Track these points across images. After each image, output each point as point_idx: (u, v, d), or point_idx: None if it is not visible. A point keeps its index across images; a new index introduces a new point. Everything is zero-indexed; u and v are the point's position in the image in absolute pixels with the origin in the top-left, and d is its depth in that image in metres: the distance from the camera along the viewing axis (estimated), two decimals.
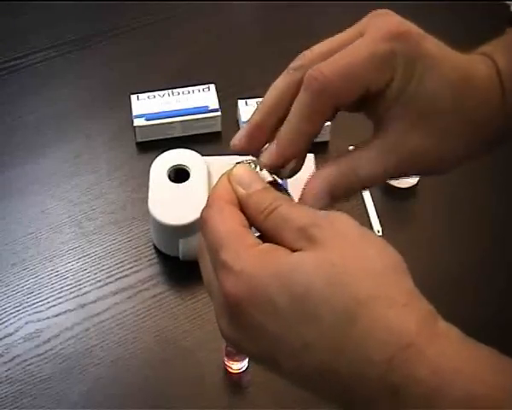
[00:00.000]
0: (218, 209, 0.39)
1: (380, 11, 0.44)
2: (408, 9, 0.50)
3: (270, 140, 0.43)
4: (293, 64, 0.43)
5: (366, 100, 0.42)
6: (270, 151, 0.42)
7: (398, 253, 0.37)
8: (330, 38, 0.44)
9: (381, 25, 0.42)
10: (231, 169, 0.41)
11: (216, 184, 0.41)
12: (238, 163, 0.42)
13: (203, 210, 0.40)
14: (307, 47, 0.46)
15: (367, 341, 0.33)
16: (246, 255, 0.36)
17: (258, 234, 0.39)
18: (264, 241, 0.38)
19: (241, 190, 0.40)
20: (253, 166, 0.42)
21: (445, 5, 1.08)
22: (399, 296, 0.35)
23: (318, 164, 0.83)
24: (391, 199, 0.89)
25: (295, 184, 0.84)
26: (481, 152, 0.48)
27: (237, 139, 0.43)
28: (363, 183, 0.43)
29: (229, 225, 0.38)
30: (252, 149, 0.43)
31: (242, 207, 0.39)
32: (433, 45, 0.43)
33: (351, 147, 0.46)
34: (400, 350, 0.33)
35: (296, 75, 0.42)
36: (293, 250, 0.36)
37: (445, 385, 0.32)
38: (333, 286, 0.34)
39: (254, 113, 0.43)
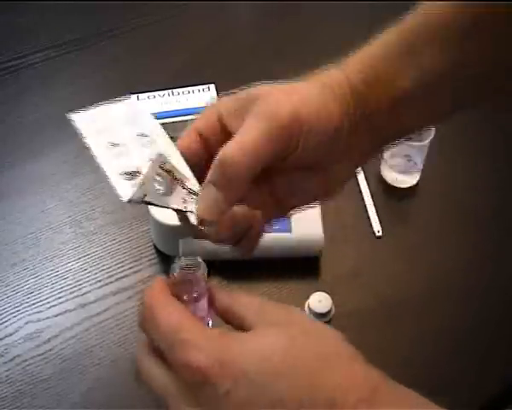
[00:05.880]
0: (166, 302, 0.40)
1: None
2: (405, 10, 0.50)
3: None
4: None
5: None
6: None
7: None
8: None
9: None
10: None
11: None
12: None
13: (145, 306, 0.40)
14: (307, 47, 0.46)
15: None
16: (206, 334, 0.38)
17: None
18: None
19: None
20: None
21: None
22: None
23: None
24: (391, 199, 0.89)
25: None
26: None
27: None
28: None
29: (182, 314, 0.39)
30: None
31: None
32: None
33: None
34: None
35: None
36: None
37: None
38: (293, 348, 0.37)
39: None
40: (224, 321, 0.42)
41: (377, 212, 0.87)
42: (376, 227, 0.85)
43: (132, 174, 0.44)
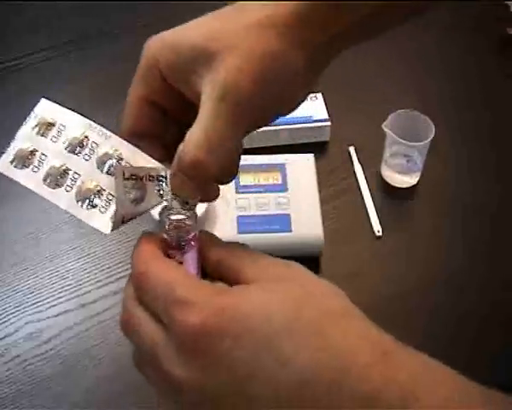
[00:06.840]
0: (158, 265, 0.38)
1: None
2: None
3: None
4: None
5: None
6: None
7: None
8: None
9: None
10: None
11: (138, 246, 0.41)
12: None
13: (138, 265, 0.39)
14: None
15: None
16: (204, 290, 0.35)
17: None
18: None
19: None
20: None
21: (445, 4, 1.08)
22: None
23: (318, 164, 0.83)
24: (391, 199, 0.89)
25: (295, 185, 0.84)
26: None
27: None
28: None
29: (177, 271, 0.37)
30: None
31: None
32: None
33: (351, 147, 0.46)
34: (378, 356, 0.33)
35: None
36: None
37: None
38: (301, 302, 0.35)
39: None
40: (216, 275, 0.38)
41: (377, 212, 0.87)
42: (376, 227, 0.85)
43: (95, 195, 0.41)
